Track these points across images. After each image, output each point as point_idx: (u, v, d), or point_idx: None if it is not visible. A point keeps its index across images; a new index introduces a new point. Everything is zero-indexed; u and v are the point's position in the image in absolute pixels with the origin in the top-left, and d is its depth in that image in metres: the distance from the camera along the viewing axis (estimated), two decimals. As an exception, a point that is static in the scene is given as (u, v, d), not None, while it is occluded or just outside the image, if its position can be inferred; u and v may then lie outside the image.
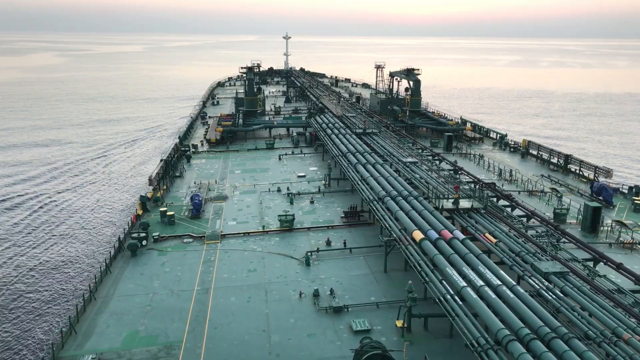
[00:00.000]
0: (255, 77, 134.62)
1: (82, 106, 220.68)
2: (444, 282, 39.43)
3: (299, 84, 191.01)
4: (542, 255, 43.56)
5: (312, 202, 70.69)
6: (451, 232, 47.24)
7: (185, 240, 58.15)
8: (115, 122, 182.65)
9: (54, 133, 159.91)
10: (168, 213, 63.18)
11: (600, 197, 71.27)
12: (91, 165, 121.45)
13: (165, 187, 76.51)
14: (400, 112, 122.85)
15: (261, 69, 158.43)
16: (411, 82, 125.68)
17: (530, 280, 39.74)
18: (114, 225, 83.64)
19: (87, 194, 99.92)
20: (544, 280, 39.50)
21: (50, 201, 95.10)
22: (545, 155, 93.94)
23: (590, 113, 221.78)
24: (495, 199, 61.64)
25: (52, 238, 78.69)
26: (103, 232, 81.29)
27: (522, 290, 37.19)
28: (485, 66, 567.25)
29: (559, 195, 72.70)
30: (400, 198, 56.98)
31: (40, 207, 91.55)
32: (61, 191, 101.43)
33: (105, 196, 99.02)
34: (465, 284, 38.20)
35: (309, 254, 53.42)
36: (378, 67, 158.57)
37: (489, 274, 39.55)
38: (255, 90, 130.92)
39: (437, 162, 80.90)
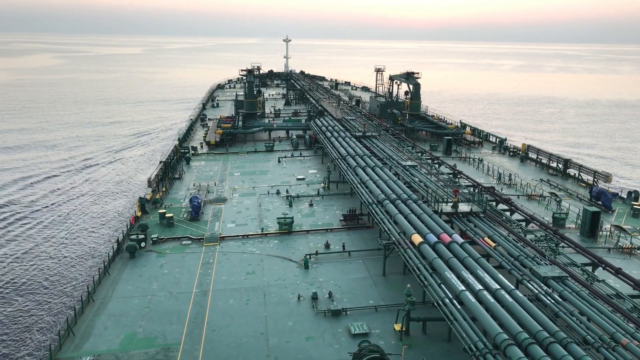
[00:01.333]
0: (255, 80, 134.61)
1: (81, 108, 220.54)
2: (443, 286, 39.39)
3: (298, 87, 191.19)
4: (541, 260, 43.57)
5: (311, 205, 70.67)
6: (450, 236, 47.23)
7: (184, 242, 58.09)
8: (114, 124, 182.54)
9: (52, 135, 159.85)
10: (167, 215, 63.16)
11: (599, 202, 71.30)
12: (90, 167, 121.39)
13: (164, 189, 76.47)
14: (399, 116, 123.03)
15: (261, 71, 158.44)
16: (411, 86, 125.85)
17: (529, 284, 39.75)
18: (113, 226, 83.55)
19: (86, 196, 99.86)
20: (542, 284, 39.51)
21: (49, 203, 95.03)
22: (544, 160, 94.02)
23: (608, 120, 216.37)
24: (494, 203, 61.66)
25: (50, 239, 78.58)
26: (102, 234, 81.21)
27: (520, 295, 37.17)
28: (490, 71, 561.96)
29: (558, 199, 72.71)
30: (400, 201, 57.00)
31: (39, 209, 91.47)
32: (60, 193, 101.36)
33: (104, 198, 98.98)
34: (464, 288, 38.16)
35: (308, 256, 53.42)
36: (378, 70, 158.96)
37: (487, 278, 39.52)
38: (255, 92, 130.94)
39: (437, 165, 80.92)
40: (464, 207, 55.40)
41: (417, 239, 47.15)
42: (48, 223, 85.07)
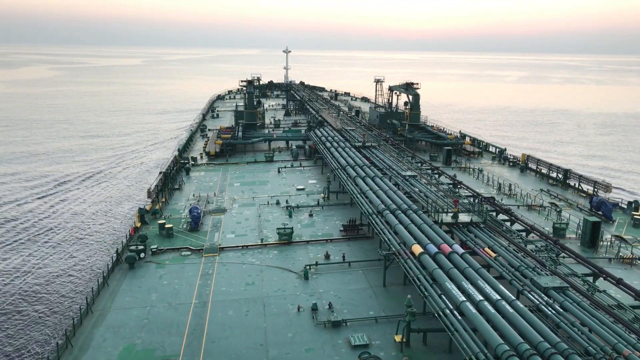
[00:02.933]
0: (255, 91, 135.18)
1: (80, 119, 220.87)
2: (443, 297, 39.24)
3: (298, 98, 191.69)
4: (541, 270, 43.43)
5: (311, 215, 70.56)
6: (450, 246, 47.12)
7: (183, 253, 57.94)
8: (113, 135, 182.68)
9: (52, 146, 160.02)
10: (166, 225, 63.03)
11: (600, 212, 71.23)
12: (89, 178, 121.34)
13: (164, 199, 76.40)
14: (399, 126, 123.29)
15: (261, 82, 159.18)
16: (410, 96, 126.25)
17: (529, 295, 39.57)
18: (112, 237, 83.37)
19: (85, 207, 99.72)
20: (543, 295, 39.35)
21: (48, 214, 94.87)
22: (544, 170, 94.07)
23: (631, 131, 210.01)
24: (494, 213, 61.59)
25: (49, 250, 78.38)
26: (101, 245, 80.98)
27: (521, 305, 37.00)
28: (494, 82, 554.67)
29: (558, 209, 72.68)
30: (400, 212, 56.91)
31: (38, 220, 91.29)
32: (59, 203, 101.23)
33: (103, 208, 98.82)
34: (464, 299, 38.01)
35: (308, 267, 53.23)
36: (377, 81, 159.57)
37: (488, 289, 39.37)
38: (255, 103, 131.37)
39: (437, 175, 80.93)
40: (464, 218, 55.31)
41: (417, 249, 47.04)
42: (47, 234, 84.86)
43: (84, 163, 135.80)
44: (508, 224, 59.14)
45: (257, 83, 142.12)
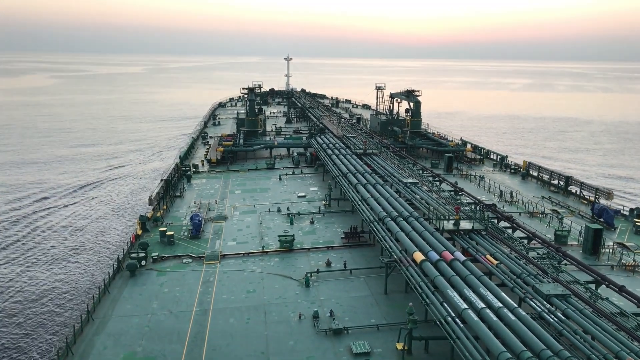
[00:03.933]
0: (256, 98, 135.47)
1: (81, 127, 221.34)
2: (445, 304, 39.11)
3: (299, 105, 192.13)
4: (543, 277, 43.32)
5: (312, 223, 70.50)
6: (452, 254, 47.03)
7: (184, 260, 57.86)
8: (115, 143, 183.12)
9: (53, 152, 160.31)
10: (167, 233, 63.00)
11: (601, 219, 71.08)
12: (91, 185, 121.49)
13: (165, 207, 76.40)
14: (400, 133, 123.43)
15: (262, 89, 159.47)
16: (411, 103, 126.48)
17: (531, 302, 39.45)
18: (113, 245, 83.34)
19: (87, 214, 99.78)
20: (545, 302, 39.23)
21: (49, 221, 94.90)
22: (545, 177, 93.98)
23: None
24: (496, 221, 61.48)
25: (50, 257, 78.33)
26: (102, 252, 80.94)
27: (523, 313, 36.88)
28: (499, 90, 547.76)
29: (559, 217, 72.54)
30: (401, 219, 56.87)
31: (39, 227, 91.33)
32: (60, 211, 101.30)
33: (104, 216, 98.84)
34: (466, 306, 37.89)
35: (309, 275, 53.14)
36: (378, 88, 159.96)
37: (490, 296, 39.26)
38: (257, 110, 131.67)
39: (438, 183, 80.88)
40: (465, 225, 55.24)
41: (418, 256, 46.95)
42: (48, 242, 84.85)
43: (84, 171, 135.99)
44: (510, 231, 59.05)
45: (259, 90, 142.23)
